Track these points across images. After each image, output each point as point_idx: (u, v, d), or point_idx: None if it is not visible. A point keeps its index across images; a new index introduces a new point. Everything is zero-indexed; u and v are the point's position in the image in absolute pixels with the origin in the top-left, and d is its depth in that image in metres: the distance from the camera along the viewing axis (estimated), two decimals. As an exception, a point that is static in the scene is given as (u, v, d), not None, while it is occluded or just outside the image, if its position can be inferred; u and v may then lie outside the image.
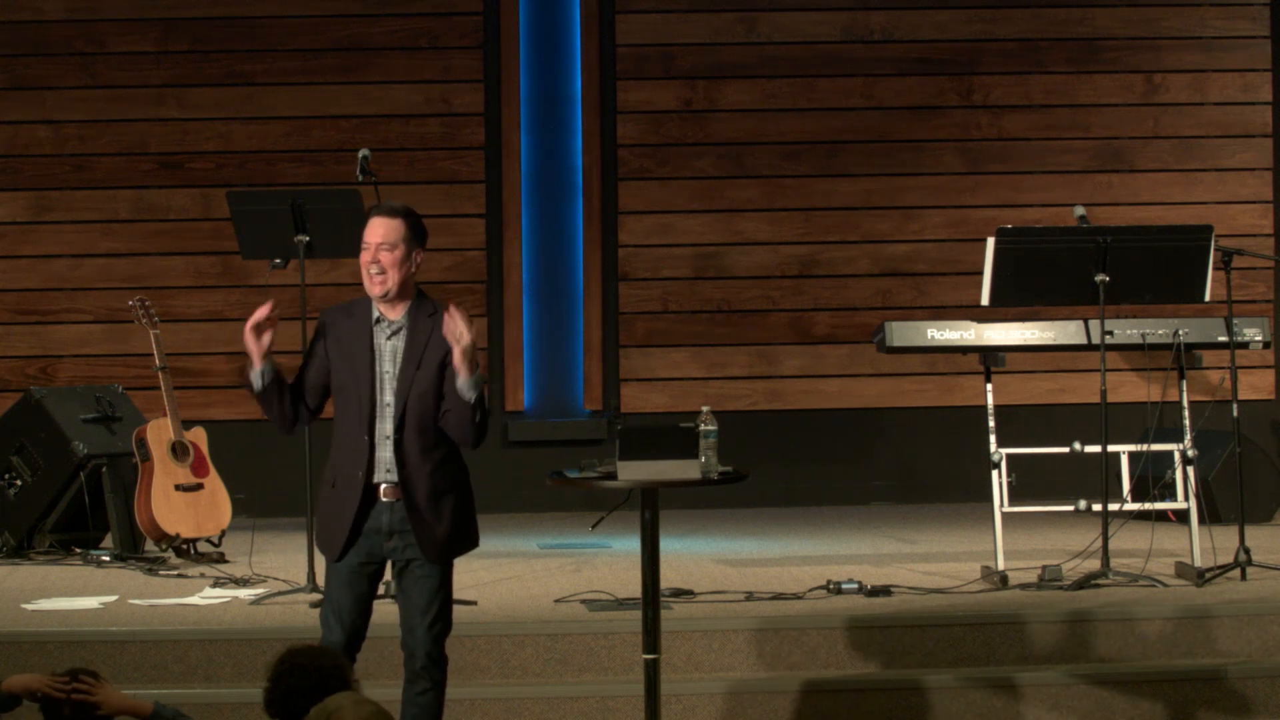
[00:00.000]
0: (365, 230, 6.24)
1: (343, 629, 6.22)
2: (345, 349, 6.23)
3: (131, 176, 11.84)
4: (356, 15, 11.92)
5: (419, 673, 6.27)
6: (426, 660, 6.26)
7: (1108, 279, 8.49)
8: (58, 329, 11.82)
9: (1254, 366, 11.95)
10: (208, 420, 10.42)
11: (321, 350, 6.27)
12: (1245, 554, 8.66)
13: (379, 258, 6.21)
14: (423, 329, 6.26)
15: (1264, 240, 12.13)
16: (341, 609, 6.23)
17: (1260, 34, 12.25)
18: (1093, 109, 12.20)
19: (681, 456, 6.33)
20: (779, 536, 10.60)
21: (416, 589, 6.26)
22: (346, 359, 6.22)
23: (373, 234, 6.23)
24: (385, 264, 6.21)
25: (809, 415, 12.10)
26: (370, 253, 6.22)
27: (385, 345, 6.24)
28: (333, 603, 6.25)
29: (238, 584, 8.81)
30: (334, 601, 6.25)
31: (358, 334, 6.24)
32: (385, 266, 6.21)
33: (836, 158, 12.13)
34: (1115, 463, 8.97)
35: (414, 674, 6.28)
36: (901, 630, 7.86)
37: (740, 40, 12.09)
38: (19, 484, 9.96)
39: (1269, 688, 7.75)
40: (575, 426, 11.95)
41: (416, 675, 6.28)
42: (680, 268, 12.07)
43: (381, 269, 6.21)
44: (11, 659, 7.60)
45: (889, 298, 12.11)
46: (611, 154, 12.05)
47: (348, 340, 6.24)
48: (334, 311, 6.33)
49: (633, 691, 7.28)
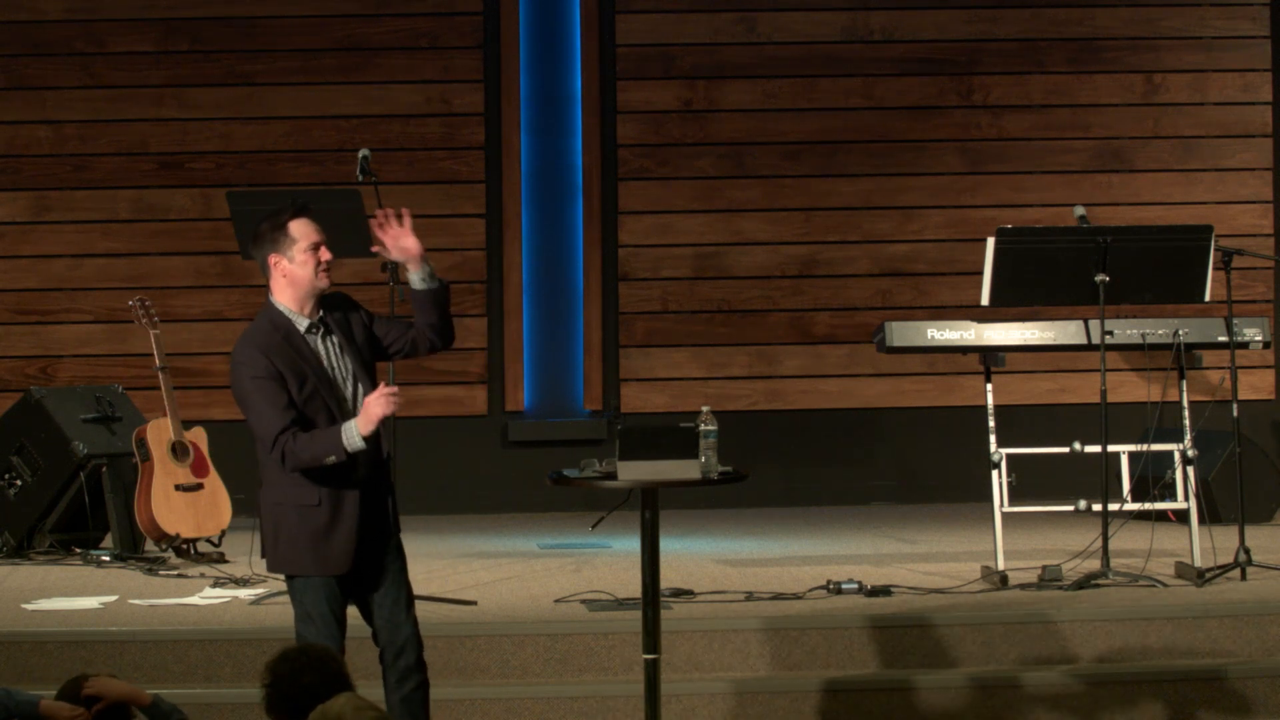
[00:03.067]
0: (303, 229, 6.23)
1: (335, 645, 6.12)
2: (294, 368, 6.15)
3: (131, 176, 11.84)
4: (356, 15, 11.92)
5: (412, 668, 6.25)
6: (418, 653, 6.25)
7: (1108, 279, 8.49)
8: (58, 329, 11.81)
9: (1254, 366, 11.95)
10: (208, 420, 10.41)
11: (279, 377, 6.16)
12: (1245, 554, 8.66)
13: (328, 256, 6.27)
14: (338, 316, 6.29)
15: (1264, 240, 12.13)
16: (337, 623, 6.18)
17: (1260, 34, 12.25)
18: (1093, 109, 12.20)
19: (681, 456, 6.33)
20: (779, 536, 10.60)
21: (395, 581, 6.26)
22: (298, 376, 6.15)
23: (317, 232, 6.26)
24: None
25: (809, 415, 12.10)
26: (323, 250, 6.25)
27: (320, 346, 6.24)
28: (325, 620, 6.16)
29: (238, 584, 8.81)
30: (330, 617, 6.17)
31: (294, 349, 6.18)
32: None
33: (836, 158, 12.13)
34: (1115, 463, 8.97)
35: (404, 671, 6.25)
36: (901, 630, 7.86)
37: (740, 40, 12.09)
38: (19, 484, 9.96)
39: (1269, 688, 7.75)
40: (575, 426, 11.95)
41: (408, 672, 6.25)
42: (680, 268, 12.07)
43: (329, 265, 6.27)
44: (11, 659, 7.60)
45: (889, 298, 12.11)
46: (611, 154, 12.05)
47: (290, 359, 6.16)
48: (259, 340, 6.18)
49: (633, 691, 7.28)
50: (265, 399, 6.11)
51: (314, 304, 6.26)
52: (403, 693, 6.27)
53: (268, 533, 6.23)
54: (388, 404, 6.03)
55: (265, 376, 6.11)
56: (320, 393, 6.16)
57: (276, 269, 6.24)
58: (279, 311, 6.24)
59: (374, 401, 6.05)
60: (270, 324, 6.22)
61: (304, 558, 6.18)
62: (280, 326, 6.21)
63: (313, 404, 6.15)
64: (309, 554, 6.17)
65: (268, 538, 6.24)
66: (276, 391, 6.12)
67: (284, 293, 6.24)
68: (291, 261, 6.22)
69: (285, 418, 6.09)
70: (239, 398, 6.19)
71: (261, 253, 6.26)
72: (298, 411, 6.12)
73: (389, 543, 6.29)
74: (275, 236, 6.23)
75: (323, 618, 6.17)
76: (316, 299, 6.26)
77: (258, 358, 6.14)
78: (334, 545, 6.16)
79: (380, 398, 6.04)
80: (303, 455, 6.08)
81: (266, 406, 6.10)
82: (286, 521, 6.18)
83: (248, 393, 6.14)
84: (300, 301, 6.23)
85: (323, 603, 6.18)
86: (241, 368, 6.16)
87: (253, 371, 6.13)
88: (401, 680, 6.27)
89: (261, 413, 6.11)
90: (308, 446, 6.08)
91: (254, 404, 6.13)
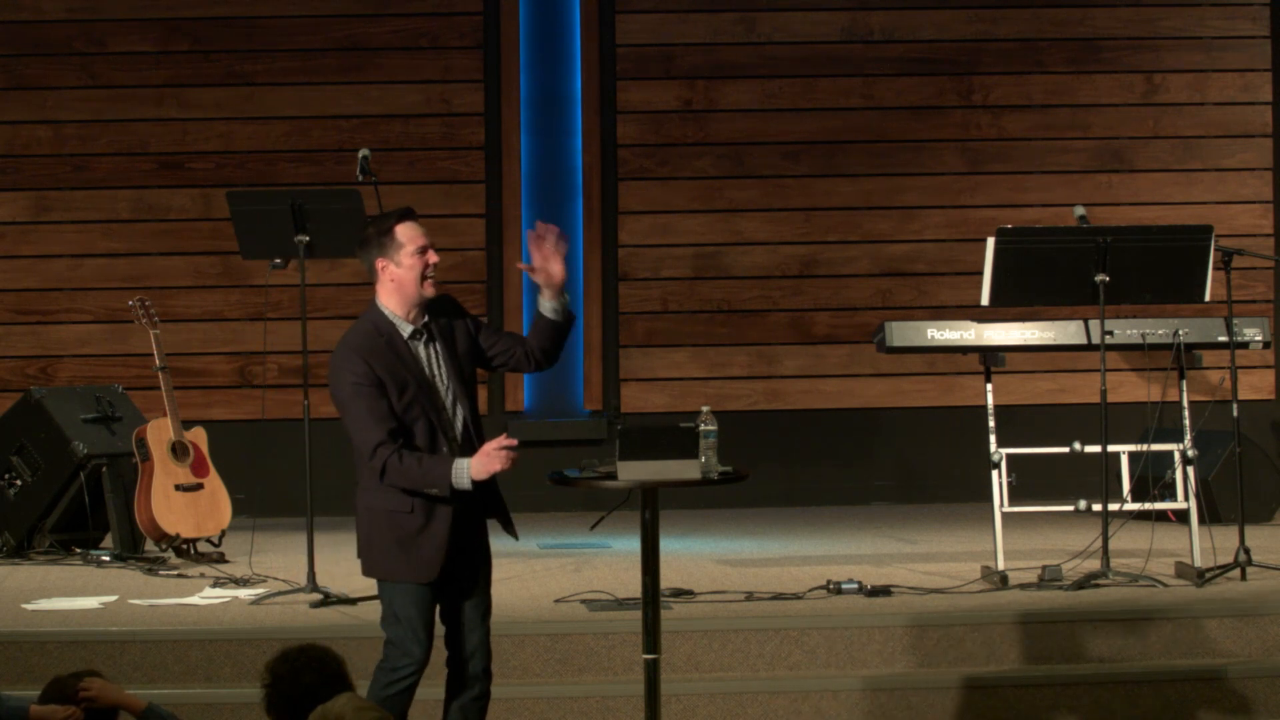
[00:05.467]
0: (409, 232, 6.17)
1: (423, 648, 6.15)
2: (394, 374, 6.10)
3: (131, 176, 11.84)
4: (356, 15, 11.92)
5: (478, 675, 6.25)
6: (485, 662, 6.26)
7: (1108, 279, 8.49)
8: (58, 329, 11.81)
9: (1254, 366, 11.95)
10: (208, 420, 10.41)
11: (380, 384, 6.11)
12: (1245, 554, 8.66)
13: (435, 259, 6.20)
14: (443, 323, 6.24)
15: (1264, 240, 12.13)
16: (425, 627, 6.16)
17: (1260, 34, 12.25)
18: (1093, 109, 12.20)
19: (681, 456, 6.32)
20: (779, 536, 10.60)
21: (482, 588, 6.28)
22: (399, 383, 6.10)
23: (423, 235, 6.19)
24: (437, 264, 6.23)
25: (809, 415, 12.10)
26: (430, 254, 6.17)
27: (422, 353, 6.21)
28: (412, 623, 6.13)
29: (238, 584, 8.81)
30: (419, 620, 6.15)
31: (396, 354, 6.14)
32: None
33: (836, 158, 12.13)
34: (1115, 463, 8.97)
35: (470, 678, 6.25)
36: (901, 630, 7.86)
37: (740, 40, 12.09)
38: (19, 484, 9.96)
39: (1269, 688, 7.75)
40: (575, 426, 11.95)
41: (474, 679, 6.25)
42: (680, 268, 12.07)
43: (436, 269, 6.21)
44: (11, 659, 7.60)
45: (889, 298, 12.11)
46: (611, 154, 12.05)
47: (391, 364, 6.11)
48: (360, 344, 6.14)
49: (633, 691, 7.28)
50: (365, 406, 6.06)
51: (419, 309, 6.21)
52: (464, 699, 6.27)
53: (362, 537, 6.21)
54: (506, 460, 6.02)
55: (365, 383, 6.07)
56: (420, 400, 6.12)
57: (384, 274, 6.18)
58: (383, 315, 6.19)
59: (494, 455, 6.02)
60: (374, 327, 6.17)
61: (394, 563, 6.15)
62: (383, 330, 6.16)
63: (412, 412, 6.11)
64: (399, 560, 6.14)
65: (361, 541, 6.21)
66: (376, 399, 6.07)
67: (391, 297, 6.19)
68: (399, 266, 6.16)
69: (384, 427, 6.05)
70: (338, 402, 6.14)
71: (369, 257, 6.20)
72: (397, 421, 6.08)
73: (481, 550, 6.28)
74: (382, 241, 6.18)
75: (409, 621, 6.15)
76: (423, 304, 6.22)
77: (358, 362, 6.09)
78: (424, 552, 6.13)
79: (502, 453, 6.01)
80: (405, 479, 6.05)
81: (366, 414, 6.06)
82: (379, 526, 6.15)
83: (348, 398, 6.09)
84: (406, 307, 6.18)
85: (410, 606, 6.15)
86: (342, 372, 6.11)
87: (354, 377, 6.08)
88: (465, 686, 6.27)
89: (361, 420, 6.07)
90: (413, 472, 6.04)
91: (353, 411, 6.08)
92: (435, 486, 6.06)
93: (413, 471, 6.04)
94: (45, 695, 5.79)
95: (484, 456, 6.04)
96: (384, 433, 6.05)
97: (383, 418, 6.06)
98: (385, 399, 6.07)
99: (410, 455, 6.05)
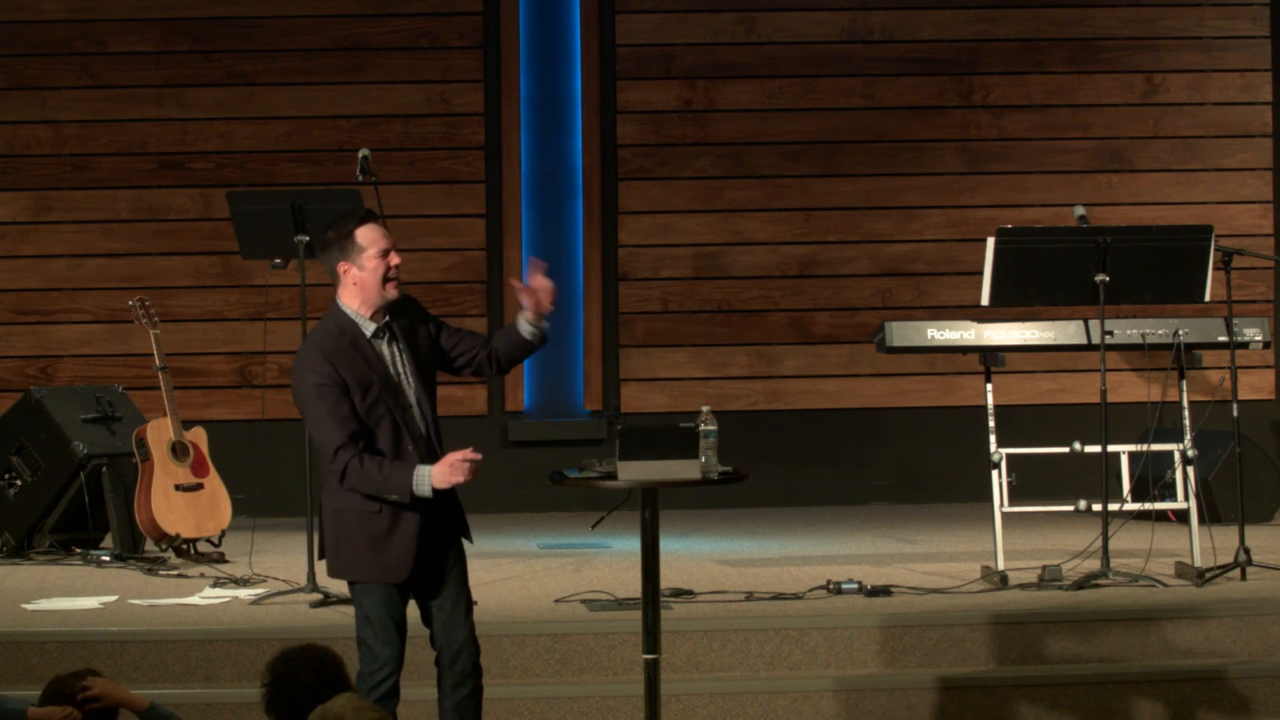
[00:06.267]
0: (371, 235, 6.17)
1: (395, 649, 6.15)
2: (358, 374, 6.11)
3: (131, 176, 11.84)
4: (356, 15, 11.92)
5: (468, 673, 6.25)
6: (474, 658, 6.26)
7: (1108, 279, 8.49)
8: (58, 329, 11.81)
9: (1254, 366, 11.95)
10: (208, 420, 10.42)
11: (343, 385, 6.10)
12: (1245, 554, 8.66)
13: (398, 260, 6.21)
14: (405, 323, 6.24)
15: (1264, 240, 12.13)
16: (396, 628, 6.16)
17: (1260, 34, 12.25)
18: (1093, 109, 12.20)
19: (681, 456, 6.32)
20: (779, 536, 10.60)
21: (456, 586, 6.27)
22: (362, 382, 6.10)
23: (385, 237, 6.20)
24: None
25: (809, 415, 12.10)
26: (393, 256, 6.19)
27: (386, 351, 6.21)
28: (384, 624, 6.13)
29: (238, 584, 8.81)
30: (390, 621, 6.14)
31: (360, 353, 6.14)
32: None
33: (836, 158, 12.13)
34: (1115, 463, 8.97)
35: (460, 676, 6.25)
36: (901, 630, 7.86)
37: (740, 40, 12.09)
38: (19, 484, 9.96)
39: (1269, 688, 7.75)
40: (575, 426, 11.95)
41: (464, 677, 6.25)
42: (680, 268, 12.07)
43: (399, 270, 6.22)
44: (11, 659, 7.60)
45: (889, 298, 12.11)
46: (611, 154, 12.05)
47: (354, 364, 6.12)
48: (324, 344, 6.14)
49: (633, 691, 7.28)
50: (327, 408, 6.05)
51: (382, 310, 6.21)
52: (457, 698, 6.26)
53: (329, 538, 6.20)
54: (468, 473, 6.02)
55: (329, 383, 6.07)
56: (384, 399, 6.12)
57: (347, 277, 6.19)
58: (345, 315, 6.19)
59: (458, 467, 6.01)
60: (336, 327, 6.17)
61: (363, 564, 6.15)
62: (346, 330, 6.16)
63: (376, 410, 6.11)
64: (369, 561, 6.14)
65: (329, 543, 6.20)
66: (338, 400, 6.07)
67: (353, 299, 6.19)
68: (362, 269, 6.17)
69: (346, 430, 6.05)
70: (300, 402, 6.14)
71: (331, 260, 6.21)
72: (359, 423, 6.08)
73: (451, 548, 6.28)
74: (344, 244, 6.18)
75: (381, 621, 6.15)
76: (386, 305, 6.22)
77: (322, 363, 6.09)
78: (393, 553, 6.12)
79: (465, 465, 6.01)
80: (366, 484, 6.04)
81: (328, 416, 6.05)
82: (347, 528, 6.14)
83: (310, 399, 6.09)
84: (369, 308, 6.19)
85: (380, 607, 6.15)
86: (305, 372, 6.10)
87: (317, 378, 6.07)
88: (457, 685, 6.26)
89: (323, 422, 6.06)
90: (374, 477, 6.04)
91: (315, 412, 6.08)
92: (396, 493, 6.05)
93: (374, 476, 6.04)
94: (45, 695, 5.78)
95: (447, 466, 6.04)
96: (345, 436, 6.04)
97: (344, 419, 6.05)
98: (348, 401, 6.07)
99: (371, 460, 6.05)
